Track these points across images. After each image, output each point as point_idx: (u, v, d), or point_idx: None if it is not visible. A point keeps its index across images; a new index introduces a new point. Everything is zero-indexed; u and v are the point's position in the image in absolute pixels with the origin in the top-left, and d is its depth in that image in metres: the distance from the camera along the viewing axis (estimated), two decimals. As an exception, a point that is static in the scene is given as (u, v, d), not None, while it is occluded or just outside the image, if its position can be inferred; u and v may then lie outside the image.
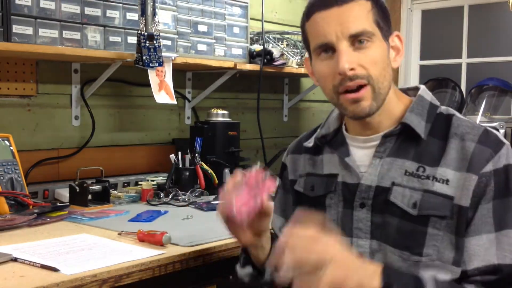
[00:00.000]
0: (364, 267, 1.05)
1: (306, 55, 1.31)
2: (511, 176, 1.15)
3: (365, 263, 1.07)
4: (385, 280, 1.04)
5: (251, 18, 2.76)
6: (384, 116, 1.22)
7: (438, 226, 1.14)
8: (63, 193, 2.11)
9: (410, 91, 1.31)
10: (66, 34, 2.04)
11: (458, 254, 1.14)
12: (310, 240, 1.02)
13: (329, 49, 1.17)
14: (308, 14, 1.21)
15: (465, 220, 1.14)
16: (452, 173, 1.15)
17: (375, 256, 1.19)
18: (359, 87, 1.16)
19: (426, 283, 1.08)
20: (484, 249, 1.12)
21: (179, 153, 2.31)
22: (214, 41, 2.56)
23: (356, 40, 1.15)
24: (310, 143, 1.35)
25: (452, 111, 1.25)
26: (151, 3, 2.14)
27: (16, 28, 1.90)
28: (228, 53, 2.62)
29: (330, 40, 1.16)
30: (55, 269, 1.26)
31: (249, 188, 1.17)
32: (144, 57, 2.14)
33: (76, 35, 2.07)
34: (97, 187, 2.06)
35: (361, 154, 1.25)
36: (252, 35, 2.81)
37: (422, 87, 1.28)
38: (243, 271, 1.34)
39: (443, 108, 1.26)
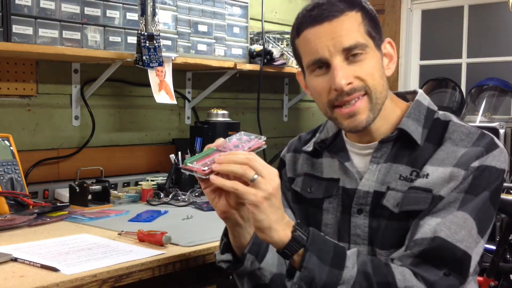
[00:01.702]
0: (284, 215, 1.06)
1: (299, 68, 1.30)
2: (492, 176, 1.14)
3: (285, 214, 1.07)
4: (299, 238, 1.05)
5: (251, 18, 2.76)
6: (382, 123, 1.22)
7: None
8: (63, 193, 2.11)
9: (409, 95, 1.31)
10: (66, 34, 2.04)
11: None
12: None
13: (323, 64, 1.16)
14: (298, 30, 1.20)
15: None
16: (433, 168, 1.15)
17: None
18: (356, 100, 1.15)
19: (347, 252, 1.08)
20: (428, 225, 1.11)
21: (179, 153, 2.31)
22: (214, 41, 2.56)
23: (350, 53, 1.14)
24: (309, 147, 1.35)
25: (449, 116, 1.24)
26: (151, 3, 2.14)
27: (16, 28, 1.90)
28: (228, 53, 2.62)
29: (323, 55, 1.15)
30: (55, 269, 1.26)
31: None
32: (144, 57, 2.14)
33: (76, 35, 2.07)
34: (97, 187, 2.06)
35: (359, 160, 1.25)
36: (252, 35, 2.81)
37: (420, 91, 1.28)
38: (221, 257, 1.23)
39: (441, 113, 1.25)
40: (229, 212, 1.15)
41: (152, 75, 2.25)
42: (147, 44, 2.13)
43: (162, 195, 2.17)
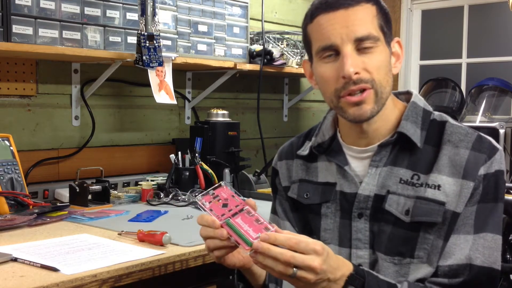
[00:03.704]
0: (334, 272, 1.03)
1: (305, 57, 1.29)
2: (500, 182, 1.16)
3: (338, 266, 1.04)
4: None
5: (251, 18, 2.76)
6: (381, 123, 1.21)
7: (430, 231, 1.15)
8: (63, 193, 2.11)
9: (401, 96, 1.30)
10: (66, 34, 2.04)
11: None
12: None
13: (332, 51, 1.16)
14: (311, 16, 1.19)
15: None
16: (443, 178, 1.16)
17: (375, 266, 1.18)
18: (362, 90, 1.15)
19: None
20: (460, 248, 1.14)
21: (179, 153, 2.32)
22: (214, 41, 2.56)
23: (361, 44, 1.14)
24: (304, 151, 1.33)
25: (445, 117, 1.24)
26: (151, 3, 2.14)
27: (16, 28, 1.90)
28: (228, 53, 2.62)
29: (335, 42, 1.14)
30: (55, 269, 1.26)
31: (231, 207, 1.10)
32: (144, 57, 2.15)
33: (76, 35, 2.07)
34: (97, 187, 2.06)
35: (357, 164, 1.24)
36: (252, 35, 2.81)
37: (415, 92, 1.28)
38: None
39: (437, 114, 1.25)
40: (247, 258, 1.16)
41: (152, 75, 2.25)
42: (147, 44, 2.13)
43: (162, 195, 2.17)
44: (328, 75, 1.17)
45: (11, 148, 1.94)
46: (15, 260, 1.34)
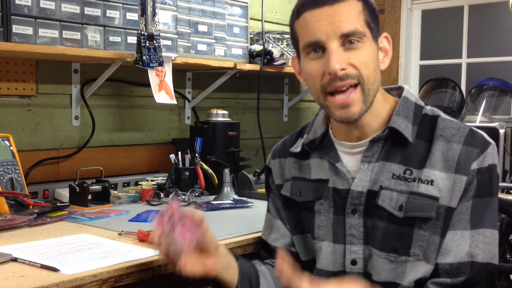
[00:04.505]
0: None
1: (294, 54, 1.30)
2: (494, 176, 1.17)
3: None
4: None
5: (251, 18, 2.76)
6: (372, 118, 1.21)
7: (424, 227, 1.15)
8: (63, 193, 2.11)
9: (393, 91, 1.30)
10: (66, 34, 2.04)
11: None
12: None
13: (318, 48, 1.16)
14: (298, 12, 1.20)
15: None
16: (437, 173, 1.16)
17: (370, 261, 1.18)
18: (348, 87, 1.15)
19: None
20: (457, 244, 1.14)
21: (179, 153, 2.31)
22: (214, 41, 2.56)
23: (347, 40, 1.14)
24: (297, 148, 1.33)
25: (437, 111, 1.24)
26: (151, 3, 2.14)
27: (16, 28, 1.90)
28: (228, 53, 2.62)
29: (320, 38, 1.15)
30: (55, 269, 1.26)
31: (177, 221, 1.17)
32: (144, 57, 2.14)
33: (76, 35, 2.07)
34: (97, 187, 2.06)
35: (349, 159, 1.24)
36: (252, 35, 2.81)
37: (406, 87, 1.28)
38: None
39: (428, 109, 1.25)
40: (216, 264, 1.18)
41: (152, 75, 2.25)
42: (147, 44, 2.13)
43: (162, 195, 2.17)
44: (314, 72, 1.17)
45: (11, 148, 1.94)
46: (15, 260, 1.34)
